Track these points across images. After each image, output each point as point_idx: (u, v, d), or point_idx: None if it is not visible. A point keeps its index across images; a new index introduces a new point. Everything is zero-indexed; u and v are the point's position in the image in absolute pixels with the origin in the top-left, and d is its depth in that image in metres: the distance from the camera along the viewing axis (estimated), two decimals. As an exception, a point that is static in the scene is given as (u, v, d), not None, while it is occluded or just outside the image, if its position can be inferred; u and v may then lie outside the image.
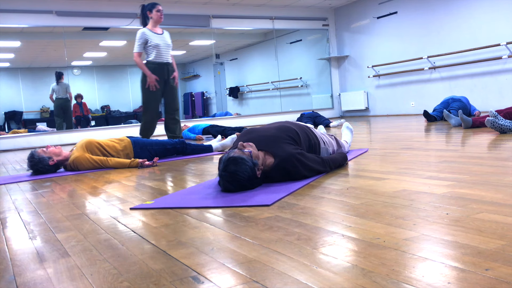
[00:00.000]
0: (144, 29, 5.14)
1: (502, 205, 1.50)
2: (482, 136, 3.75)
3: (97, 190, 2.58)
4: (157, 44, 5.08)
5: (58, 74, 9.16)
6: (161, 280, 1.08)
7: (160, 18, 5.15)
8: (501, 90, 7.46)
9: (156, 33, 5.14)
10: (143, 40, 5.08)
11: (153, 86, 5.00)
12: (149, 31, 5.10)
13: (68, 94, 9.11)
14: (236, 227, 1.51)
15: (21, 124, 11.27)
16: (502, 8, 7.28)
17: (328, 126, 6.93)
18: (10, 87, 11.46)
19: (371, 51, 9.79)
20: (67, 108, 9.14)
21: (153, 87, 5.01)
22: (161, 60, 5.10)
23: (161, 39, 5.13)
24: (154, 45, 5.06)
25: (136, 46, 5.11)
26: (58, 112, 9.15)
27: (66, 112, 9.15)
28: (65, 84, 9.10)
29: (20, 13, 7.74)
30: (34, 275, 1.19)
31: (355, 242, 1.24)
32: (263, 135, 2.37)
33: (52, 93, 9.15)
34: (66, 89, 9.09)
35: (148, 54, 5.12)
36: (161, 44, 5.10)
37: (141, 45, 5.08)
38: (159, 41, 5.10)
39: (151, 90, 5.01)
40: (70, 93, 9.18)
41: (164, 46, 5.14)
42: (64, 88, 9.08)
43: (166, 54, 5.15)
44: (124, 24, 8.58)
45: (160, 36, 5.15)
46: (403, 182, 2.03)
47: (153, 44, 5.06)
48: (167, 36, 5.24)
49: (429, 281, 0.93)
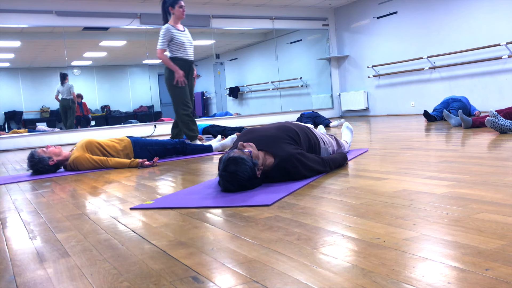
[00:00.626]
0: (168, 25, 5.01)
1: (502, 205, 1.50)
2: (482, 136, 3.75)
3: (97, 190, 2.58)
4: (183, 41, 5.00)
5: (62, 75, 9.35)
6: (161, 280, 1.08)
7: (183, 14, 5.04)
8: (501, 90, 7.46)
9: (179, 30, 5.05)
10: (168, 37, 4.96)
11: (182, 82, 4.90)
12: (173, 28, 4.99)
13: (72, 95, 9.28)
14: (236, 227, 1.51)
15: (21, 124, 11.27)
16: (502, 8, 7.28)
17: (328, 126, 6.93)
18: (10, 87, 11.46)
19: (371, 51, 9.79)
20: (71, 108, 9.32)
21: (182, 83, 4.91)
22: (187, 58, 5.03)
23: (185, 36, 5.05)
24: (179, 42, 4.98)
25: (160, 42, 4.98)
26: (62, 112, 9.36)
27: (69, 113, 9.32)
28: (68, 85, 9.28)
29: (20, 13, 7.74)
30: (34, 275, 1.19)
31: (355, 242, 1.24)
32: (263, 135, 2.37)
33: (58, 94, 9.35)
34: (70, 89, 9.27)
35: (173, 51, 5.00)
36: (185, 41, 5.03)
37: (165, 42, 4.96)
38: (184, 39, 5.02)
39: (180, 86, 4.91)
40: (74, 93, 9.35)
41: (188, 44, 5.07)
42: (68, 89, 9.27)
43: (190, 51, 5.09)
44: (124, 24, 8.58)
45: (184, 33, 5.07)
46: (403, 182, 2.03)
47: (179, 41, 4.97)
48: (188, 33, 5.16)
49: (429, 281, 0.93)
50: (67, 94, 9.25)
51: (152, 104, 13.06)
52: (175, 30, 4.97)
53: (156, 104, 13.43)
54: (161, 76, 14.04)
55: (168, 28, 4.96)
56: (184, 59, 4.99)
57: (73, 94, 9.30)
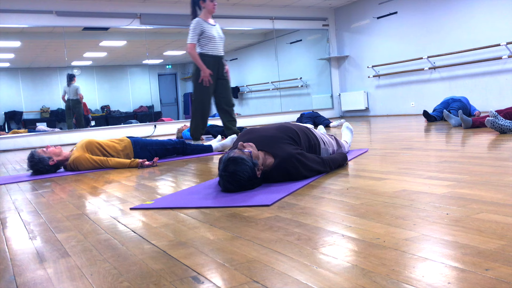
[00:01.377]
0: (198, 18, 4.82)
1: (502, 205, 1.50)
2: (482, 136, 3.75)
3: (97, 190, 2.58)
4: (213, 35, 4.82)
5: (69, 76, 9.54)
6: (161, 280, 1.08)
7: (214, 8, 4.85)
8: (501, 90, 7.46)
9: (210, 24, 4.86)
10: (198, 31, 4.77)
11: (207, 81, 4.75)
12: (204, 22, 4.81)
13: (79, 96, 9.47)
14: (236, 227, 1.51)
15: (21, 124, 11.28)
16: (502, 8, 7.28)
17: (328, 126, 6.93)
18: (10, 87, 11.46)
19: (371, 51, 9.79)
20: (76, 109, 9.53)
21: (206, 82, 4.76)
22: (217, 53, 4.85)
23: (215, 31, 4.87)
24: (210, 36, 4.79)
25: (190, 36, 4.78)
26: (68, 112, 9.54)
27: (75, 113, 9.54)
28: (75, 86, 9.47)
29: (20, 13, 7.74)
30: (34, 275, 1.19)
31: (355, 242, 1.24)
32: (263, 135, 2.37)
33: (64, 94, 9.51)
34: (76, 90, 9.45)
35: (202, 45, 4.83)
36: (216, 35, 4.85)
37: (196, 36, 4.78)
38: (214, 33, 4.84)
39: (204, 85, 4.77)
40: (80, 94, 9.54)
41: (219, 38, 4.88)
42: (74, 90, 9.45)
43: (220, 46, 4.90)
44: (124, 24, 8.58)
45: (214, 28, 4.88)
46: (403, 182, 2.03)
47: (209, 35, 4.79)
48: (219, 28, 4.98)
49: (429, 281, 0.93)
50: (73, 95, 9.40)
51: (152, 104, 13.06)
52: (206, 24, 4.80)
53: (156, 104, 13.44)
54: (161, 76, 14.06)
55: (198, 21, 4.78)
56: (214, 55, 4.83)
57: (79, 95, 9.47)
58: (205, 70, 4.71)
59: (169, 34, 10.40)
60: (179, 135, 6.80)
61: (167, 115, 13.03)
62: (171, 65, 14.16)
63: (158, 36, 9.98)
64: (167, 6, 8.87)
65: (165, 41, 11.21)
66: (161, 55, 12.75)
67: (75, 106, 9.43)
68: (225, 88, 4.95)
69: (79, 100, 9.43)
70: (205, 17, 4.84)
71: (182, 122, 9.44)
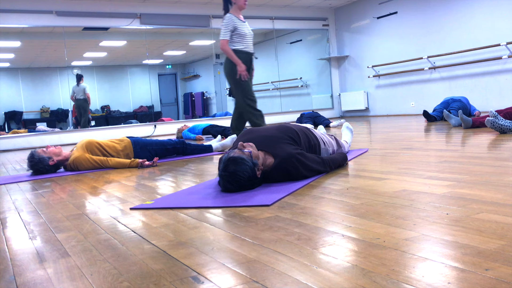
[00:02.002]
0: (230, 14, 4.67)
1: (502, 205, 1.50)
2: (482, 136, 3.75)
3: (97, 190, 2.58)
4: (245, 32, 4.70)
5: (78, 76, 9.70)
6: (161, 280, 1.08)
7: (244, 5, 4.72)
8: (501, 90, 7.46)
9: (241, 20, 4.73)
10: (231, 27, 4.63)
11: (244, 76, 4.65)
12: (236, 18, 4.66)
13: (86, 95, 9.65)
14: (236, 227, 1.51)
15: (21, 124, 11.28)
16: (502, 8, 7.28)
17: (328, 126, 6.93)
18: (10, 87, 11.47)
19: (371, 51, 9.79)
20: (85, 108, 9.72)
21: (244, 77, 4.66)
22: (250, 50, 4.76)
23: (247, 28, 4.75)
24: (242, 33, 4.68)
25: (223, 32, 4.64)
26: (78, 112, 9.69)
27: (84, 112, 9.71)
28: (83, 86, 9.65)
29: (20, 13, 7.74)
30: (34, 275, 1.19)
31: (355, 242, 1.24)
32: (263, 135, 2.37)
33: (73, 94, 9.63)
34: (84, 90, 9.63)
35: (235, 42, 4.69)
36: (247, 33, 4.73)
37: (229, 32, 4.64)
38: (246, 30, 4.72)
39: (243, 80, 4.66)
40: (88, 94, 9.72)
41: (250, 35, 4.77)
42: (82, 89, 9.63)
43: (251, 44, 4.80)
44: (124, 24, 8.58)
45: (245, 24, 4.75)
46: (403, 182, 2.03)
47: (242, 32, 4.67)
48: (248, 25, 4.85)
49: (429, 281, 0.93)
50: (82, 94, 9.56)
51: (152, 104, 13.06)
52: (238, 20, 4.67)
53: (156, 104, 13.44)
54: (161, 76, 14.06)
55: (231, 17, 4.64)
56: (247, 51, 4.72)
57: (87, 95, 9.66)
58: (241, 65, 4.62)
59: (169, 34, 10.40)
60: (179, 135, 6.80)
61: (167, 115, 13.03)
62: (171, 65, 14.16)
63: (158, 36, 9.98)
64: (167, 6, 8.87)
65: (165, 41, 11.21)
66: (161, 55, 12.75)
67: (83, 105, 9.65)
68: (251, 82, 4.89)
69: (87, 99, 9.65)
70: (236, 13, 4.72)
71: (182, 122, 9.44)
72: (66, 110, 11.61)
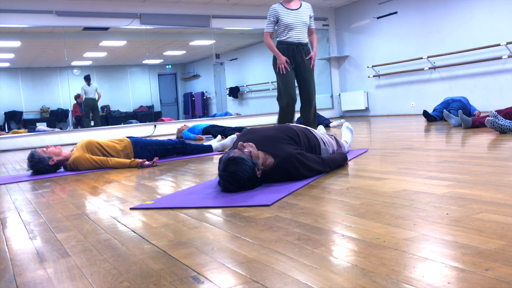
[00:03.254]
0: (275, 5, 4.46)
1: (502, 205, 1.50)
2: (482, 136, 3.75)
3: (97, 190, 2.58)
4: (288, 22, 4.41)
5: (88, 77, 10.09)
6: (161, 280, 1.08)
7: None
8: (501, 90, 7.46)
9: (290, 8, 4.46)
10: (273, 19, 4.44)
11: (283, 68, 4.41)
12: (281, 7, 4.44)
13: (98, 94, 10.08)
14: (236, 227, 1.51)
15: (21, 124, 11.28)
16: (502, 8, 7.28)
17: (328, 126, 6.93)
18: (10, 87, 11.46)
19: (371, 51, 9.79)
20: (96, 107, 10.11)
21: (283, 69, 4.41)
22: (292, 40, 4.45)
23: (294, 16, 4.44)
24: (285, 23, 4.42)
25: (266, 25, 4.51)
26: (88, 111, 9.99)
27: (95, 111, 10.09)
28: (94, 86, 10.04)
29: (20, 13, 7.74)
30: (34, 275, 1.19)
31: (355, 242, 1.24)
32: (263, 135, 2.37)
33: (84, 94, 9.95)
34: (96, 90, 10.05)
35: (279, 33, 4.50)
36: (292, 22, 4.41)
37: (270, 24, 4.46)
38: (291, 19, 4.42)
39: (282, 73, 4.43)
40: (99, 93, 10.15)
41: (295, 24, 4.43)
42: (94, 89, 10.02)
43: (297, 33, 4.45)
44: (124, 24, 8.58)
45: (294, 12, 4.45)
46: (403, 182, 2.03)
47: (285, 22, 4.42)
48: (305, 10, 4.52)
49: (429, 281, 0.93)
50: (94, 94, 9.92)
51: (152, 104, 13.06)
52: (283, 9, 4.44)
53: (156, 104, 13.44)
54: (161, 76, 14.07)
55: (273, 8, 4.45)
56: (289, 42, 4.44)
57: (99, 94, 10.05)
58: (280, 57, 4.42)
59: (169, 34, 10.40)
60: (179, 135, 6.80)
61: (167, 115, 13.03)
62: (171, 65, 14.16)
63: (158, 36, 9.98)
64: (167, 6, 8.87)
65: (165, 41, 11.21)
66: (161, 55, 12.75)
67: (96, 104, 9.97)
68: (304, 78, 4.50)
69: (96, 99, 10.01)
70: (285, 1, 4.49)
71: (182, 122, 9.44)
72: (66, 110, 11.61)
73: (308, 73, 4.48)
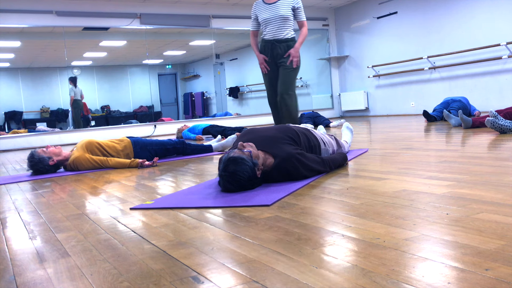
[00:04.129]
0: (257, 1, 4.34)
1: (502, 205, 1.50)
2: (482, 136, 3.75)
3: (97, 190, 2.58)
4: (263, 18, 4.21)
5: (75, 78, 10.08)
6: (161, 280, 1.08)
7: None
8: (501, 90, 7.46)
9: (267, 3, 4.25)
10: (253, 16, 4.31)
11: (262, 67, 4.27)
12: (261, 2, 4.27)
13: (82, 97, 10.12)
14: (236, 227, 1.51)
15: (21, 124, 11.27)
16: (502, 8, 7.28)
17: (328, 126, 6.93)
18: (10, 87, 11.46)
19: (371, 51, 9.79)
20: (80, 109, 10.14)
21: (263, 69, 4.27)
22: (268, 37, 4.22)
23: (270, 11, 4.20)
24: (261, 20, 4.25)
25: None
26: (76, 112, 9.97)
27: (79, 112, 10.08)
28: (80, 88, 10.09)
29: (20, 13, 7.74)
30: (34, 275, 1.19)
31: (355, 242, 1.24)
32: (263, 135, 2.37)
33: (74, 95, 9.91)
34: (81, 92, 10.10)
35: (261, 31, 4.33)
36: (267, 17, 4.19)
37: (252, 22, 4.34)
38: (266, 14, 4.20)
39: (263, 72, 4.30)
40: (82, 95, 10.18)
41: (272, 19, 4.17)
42: (80, 91, 10.07)
43: (273, 29, 4.18)
44: (124, 24, 8.58)
45: (270, 7, 4.22)
46: (403, 182, 2.03)
47: (260, 19, 4.25)
48: (284, 3, 4.23)
49: (429, 281, 0.93)
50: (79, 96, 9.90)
51: (152, 104, 13.06)
52: (262, 4, 4.27)
53: (156, 104, 13.43)
54: (161, 76, 14.06)
55: (254, 5, 4.34)
56: (265, 39, 4.22)
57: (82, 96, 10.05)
58: (257, 56, 4.29)
59: (169, 34, 10.40)
60: (179, 135, 6.80)
61: (167, 115, 13.03)
62: (171, 65, 14.16)
63: (158, 36, 9.98)
64: (167, 6, 8.87)
65: (165, 41, 11.21)
66: (161, 55, 12.75)
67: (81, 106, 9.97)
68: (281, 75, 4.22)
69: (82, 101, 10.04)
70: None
71: (182, 122, 9.44)
72: (66, 110, 11.61)
73: (283, 71, 4.19)
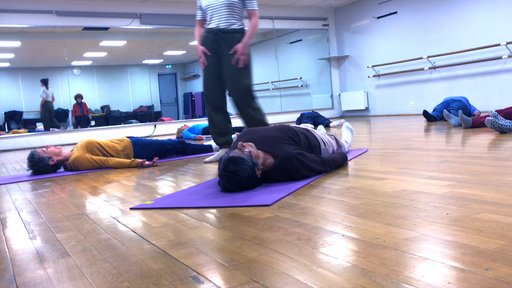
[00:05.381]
0: None
1: (502, 205, 1.50)
2: (482, 136, 3.75)
3: (97, 190, 2.58)
4: (206, 4, 3.53)
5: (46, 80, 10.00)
6: (161, 280, 1.08)
7: None
8: (501, 90, 7.46)
9: None
10: (198, 3, 3.63)
11: (201, 62, 3.52)
12: None
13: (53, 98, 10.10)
14: (236, 227, 1.51)
15: (21, 124, 11.28)
16: (502, 8, 7.28)
17: (328, 126, 6.93)
18: (10, 87, 11.47)
19: (371, 51, 9.79)
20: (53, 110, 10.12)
21: (201, 63, 3.54)
22: (210, 26, 3.50)
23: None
24: (204, 7, 3.55)
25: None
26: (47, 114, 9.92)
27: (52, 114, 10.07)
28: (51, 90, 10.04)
29: (20, 13, 7.74)
30: (34, 275, 1.19)
31: (355, 242, 1.24)
32: (263, 135, 2.37)
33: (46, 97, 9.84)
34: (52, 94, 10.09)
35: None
36: (210, 3, 3.50)
37: (197, 11, 3.65)
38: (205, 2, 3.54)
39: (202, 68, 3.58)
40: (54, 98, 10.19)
41: (215, 5, 3.47)
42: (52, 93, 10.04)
43: (216, 16, 3.47)
44: (124, 24, 8.58)
45: None
46: (403, 182, 2.03)
47: (203, 6, 3.57)
48: None
49: (429, 281, 0.93)
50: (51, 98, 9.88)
51: (152, 104, 13.06)
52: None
53: (156, 104, 13.44)
54: (161, 76, 14.07)
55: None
56: (208, 29, 3.52)
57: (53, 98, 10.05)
58: (197, 48, 3.59)
59: (169, 34, 10.40)
60: (179, 135, 6.80)
61: (167, 115, 13.03)
62: (171, 65, 14.16)
63: (158, 36, 9.98)
64: (167, 6, 8.87)
65: (165, 41, 11.21)
66: (161, 55, 12.75)
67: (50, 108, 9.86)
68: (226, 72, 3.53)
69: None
70: None
71: (182, 122, 9.44)
72: (66, 110, 11.61)
73: (229, 71, 3.48)
